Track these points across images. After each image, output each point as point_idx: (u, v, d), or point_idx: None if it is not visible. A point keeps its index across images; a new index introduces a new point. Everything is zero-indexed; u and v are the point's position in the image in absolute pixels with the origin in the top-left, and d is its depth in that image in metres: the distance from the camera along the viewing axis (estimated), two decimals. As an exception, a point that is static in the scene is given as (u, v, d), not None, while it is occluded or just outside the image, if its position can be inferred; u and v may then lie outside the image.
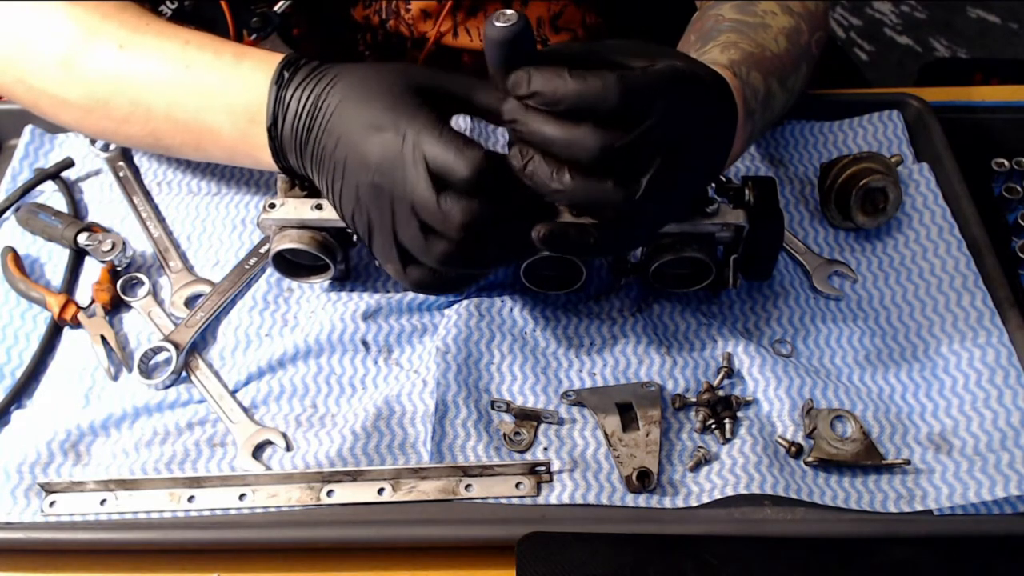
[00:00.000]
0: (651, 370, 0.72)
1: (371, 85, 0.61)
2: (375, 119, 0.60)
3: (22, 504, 0.65)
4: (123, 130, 0.73)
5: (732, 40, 0.71)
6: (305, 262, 0.75)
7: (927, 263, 0.78)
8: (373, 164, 0.60)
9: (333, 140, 0.62)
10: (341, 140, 0.61)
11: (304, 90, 0.64)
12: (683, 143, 0.58)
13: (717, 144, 0.63)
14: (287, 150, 0.66)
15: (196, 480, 0.66)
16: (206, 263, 0.79)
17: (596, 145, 0.55)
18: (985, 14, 2.33)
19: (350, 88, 0.62)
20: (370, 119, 0.60)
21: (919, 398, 0.71)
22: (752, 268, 0.73)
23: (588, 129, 0.56)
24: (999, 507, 0.65)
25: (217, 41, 0.71)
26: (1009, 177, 0.86)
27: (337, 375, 0.72)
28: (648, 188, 0.57)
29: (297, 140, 0.64)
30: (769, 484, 0.65)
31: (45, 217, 0.80)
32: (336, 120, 0.62)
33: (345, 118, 0.61)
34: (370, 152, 0.60)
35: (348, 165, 0.61)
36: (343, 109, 0.62)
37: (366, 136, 0.60)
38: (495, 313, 0.75)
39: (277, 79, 0.65)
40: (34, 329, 0.75)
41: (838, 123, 0.90)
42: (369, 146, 0.60)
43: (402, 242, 0.62)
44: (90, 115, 0.73)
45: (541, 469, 0.66)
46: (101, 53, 0.71)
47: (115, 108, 0.72)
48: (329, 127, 0.62)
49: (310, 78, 0.64)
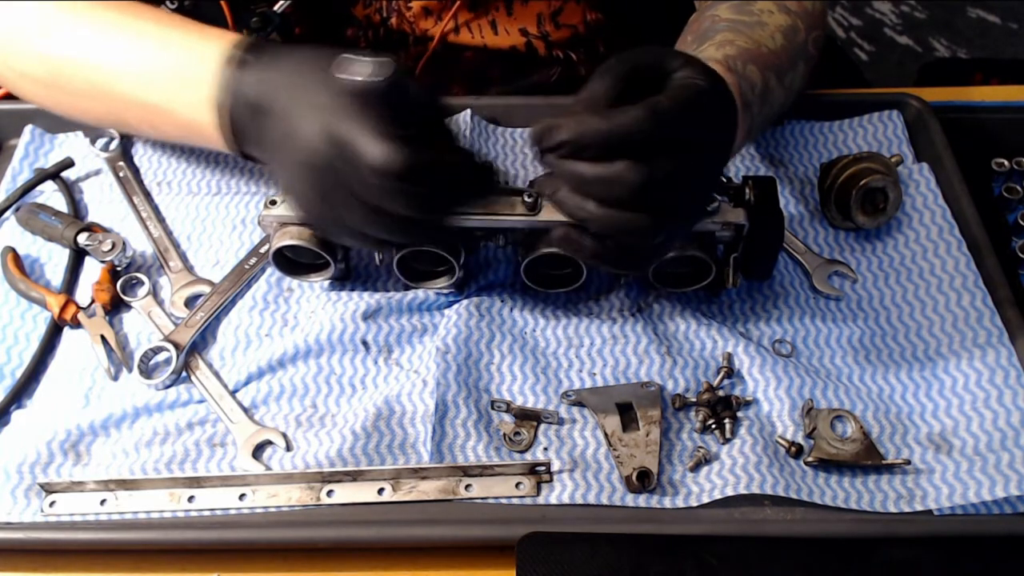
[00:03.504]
0: (651, 370, 0.72)
1: (315, 69, 0.60)
2: (316, 104, 0.59)
3: (22, 504, 0.65)
4: (82, 105, 0.73)
5: (728, 39, 0.71)
6: (305, 260, 0.75)
7: (927, 263, 0.78)
8: (314, 149, 0.59)
9: (277, 124, 0.61)
10: (285, 125, 0.61)
11: (253, 73, 0.63)
12: (703, 161, 0.59)
13: (725, 150, 0.64)
14: (237, 133, 0.65)
15: (196, 480, 0.66)
16: (206, 263, 0.79)
17: (636, 181, 0.55)
18: (985, 14, 2.33)
19: (296, 72, 0.61)
20: (311, 104, 0.59)
21: (919, 398, 0.71)
22: (752, 268, 0.73)
23: (624, 166, 0.55)
24: (999, 507, 0.65)
25: (176, 19, 0.70)
26: (1009, 177, 0.86)
27: (337, 375, 0.72)
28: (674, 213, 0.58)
29: (246, 123, 0.64)
30: (769, 484, 0.65)
31: (45, 217, 0.80)
32: (280, 105, 0.61)
33: (289, 103, 0.61)
34: (311, 138, 0.59)
35: (292, 150, 0.60)
36: (288, 93, 0.61)
37: (307, 121, 0.59)
38: (495, 313, 0.75)
39: (229, 61, 0.64)
40: (34, 329, 0.75)
41: (838, 123, 0.90)
42: (310, 132, 0.59)
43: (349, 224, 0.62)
44: (50, 90, 0.74)
45: (541, 469, 0.66)
46: (67, 32, 0.70)
47: (75, 84, 0.71)
48: (274, 111, 0.61)
49: (260, 61, 0.63)
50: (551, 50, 0.97)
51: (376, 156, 0.55)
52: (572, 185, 0.58)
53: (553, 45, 0.97)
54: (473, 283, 0.77)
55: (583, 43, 0.98)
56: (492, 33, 0.95)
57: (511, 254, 0.78)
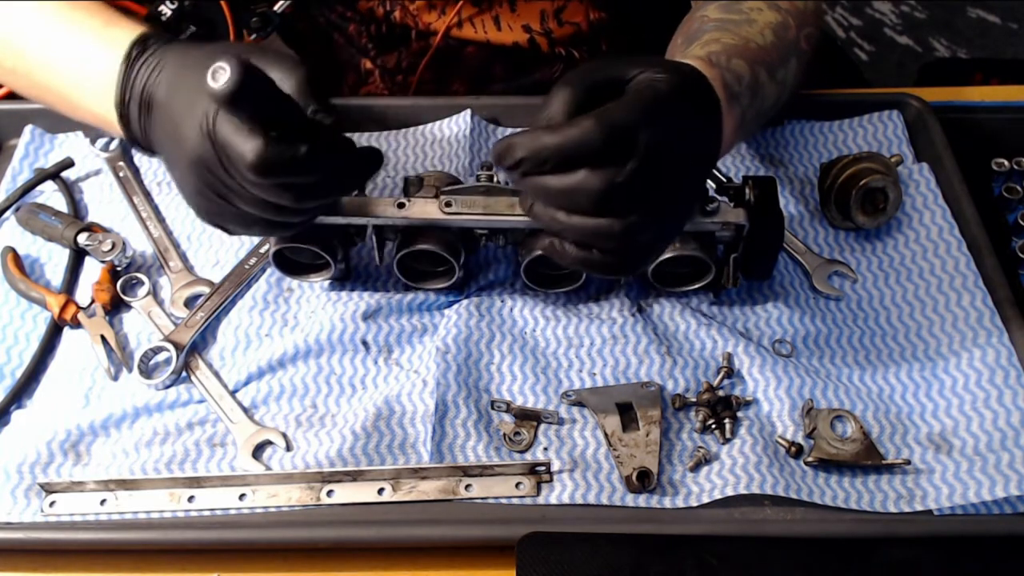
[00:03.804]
0: (651, 370, 0.72)
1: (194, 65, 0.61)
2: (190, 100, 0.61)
3: (22, 504, 0.65)
4: (13, 83, 0.76)
5: (715, 37, 0.71)
6: (305, 260, 0.75)
7: (927, 263, 0.78)
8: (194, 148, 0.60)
9: (164, 123, 0.63)
10: (170, 124, 0.62)
11: (145, 70, 0.65)
12: (674, 161, 0.59)
13: (706, 148, 0.63)
14: (134, 130, 0.67)
15: (196, 480, 0.66)
16: (206, 263, 0.79)
17: (597, 187, 0.56)
18: (985, 14, 2.33)
19: (178, 68, 0.63)
20: (186, 100, 0.61)
21: (919, 398, 0.71)
22: (752, 268, 0.73)
23: (584, 174, 0.56)
24: (999, 507, 0.65)
25: (98, 6, 0.71)
26: (1009, 177, 0.86)
27: (337, 375, 0.72)
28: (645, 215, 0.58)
29: (139, 118, 0.65)
30: (769, 484, 0.65)
31: (45, 217, 0.80)
32: (163, 99, 0.63)
33: (169, 98, 0.62)
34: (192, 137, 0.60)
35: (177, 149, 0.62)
36: (169, 89, 0.63)
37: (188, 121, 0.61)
38: (495, 313, 0.75)
39: (126, 57, 0.66)
40: (34, 329, 0.75)
41: (838, 123, 0.90)
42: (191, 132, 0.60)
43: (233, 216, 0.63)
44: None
45: (541, 469, 0.66)
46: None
47: (3, 63, 0.74)
48: (158, 104, 0.63)
49: (151, 57, 0.65)
50: (554, 47, 0.97)
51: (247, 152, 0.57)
52: (540, 199, 0.60)
53: (556, 43, 0.97)
54: (473, 283, 0.77)
55: (586, 41, 0.98)
56: (495, 29, 0.95)
57: (511, 254, 0.78)
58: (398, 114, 0.90)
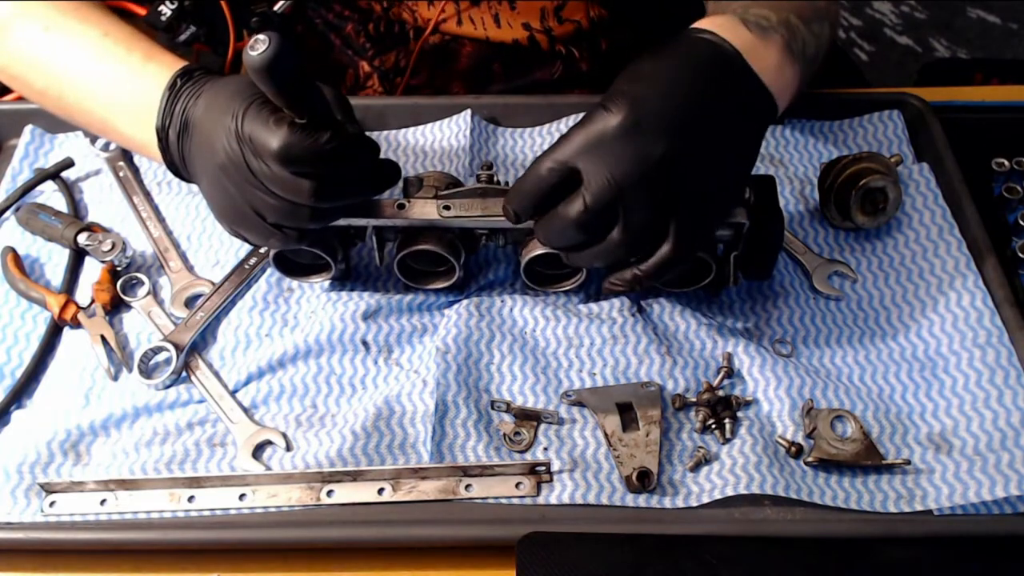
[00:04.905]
0: (651, 370, 0.72)
1: (228, 90, 0.64)
2: (222, 109, 0.63)
3: (22, 504, 0.65)
4: (41, 102, 0.78)
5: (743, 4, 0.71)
6: (306, 261, 0.75)
7: (927, 263, 0.78)
8: (224, 151, 0.63)
9: (197, 136, 0.66)
10: (201, 134, 0.65)
11: (185, 98, 0.67)
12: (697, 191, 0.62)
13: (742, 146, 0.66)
14: (172, 153, 0.69)
15: (196, 480, 0.66)
16: (206, 263, 0.79)
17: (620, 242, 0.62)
18: (985, 14, 2.33)
19: (213, 95, 0.66)
20: (219, 110, 0.64)
21: (919, 398, 0.71)
22: (752, 267, 0.73)
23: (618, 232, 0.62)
24: (999, 507, 0.65)
25: (134, 37, 0.74)
26: (1009, 177, 0.86)
27: (337, 375, 0.72)
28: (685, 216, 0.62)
29: (178, 142, 0.67)
30: (769, 484, 0.65)
31: (45, 217, 0.80)
32: (199, 118, 0.65)
33: (204, 116, 0.65)
34: (221, 141, 0.63)
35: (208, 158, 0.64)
36: (206, 108, 0.65)
37: (215, 124, 0.63)
38: (495, 313, 0.75)
39: (170, 86, 0.68)
40: (34, 329, 0.75)
41: (838, 123, 0.90)
42: (221, 137, 0.63)
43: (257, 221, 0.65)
44: (12, 82, 0.79)
45: (541, 469, 0.66)
46: (26, 31, 0.74)
47: (33, 84, 0.76)
48: (194, 124, 0.66)
49: (193, 87, 0.67)
50: (554, 45, 0.97)
51: (271, 140, 0.60)
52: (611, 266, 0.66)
53: (556, 40, 0.97)
54: (473, 283, 0.77)
55: (586, 39, 0.98)
56: (494, 26, 0.95)
57: (511, 254, 0.78)
58: (398, 114, 0.90)
